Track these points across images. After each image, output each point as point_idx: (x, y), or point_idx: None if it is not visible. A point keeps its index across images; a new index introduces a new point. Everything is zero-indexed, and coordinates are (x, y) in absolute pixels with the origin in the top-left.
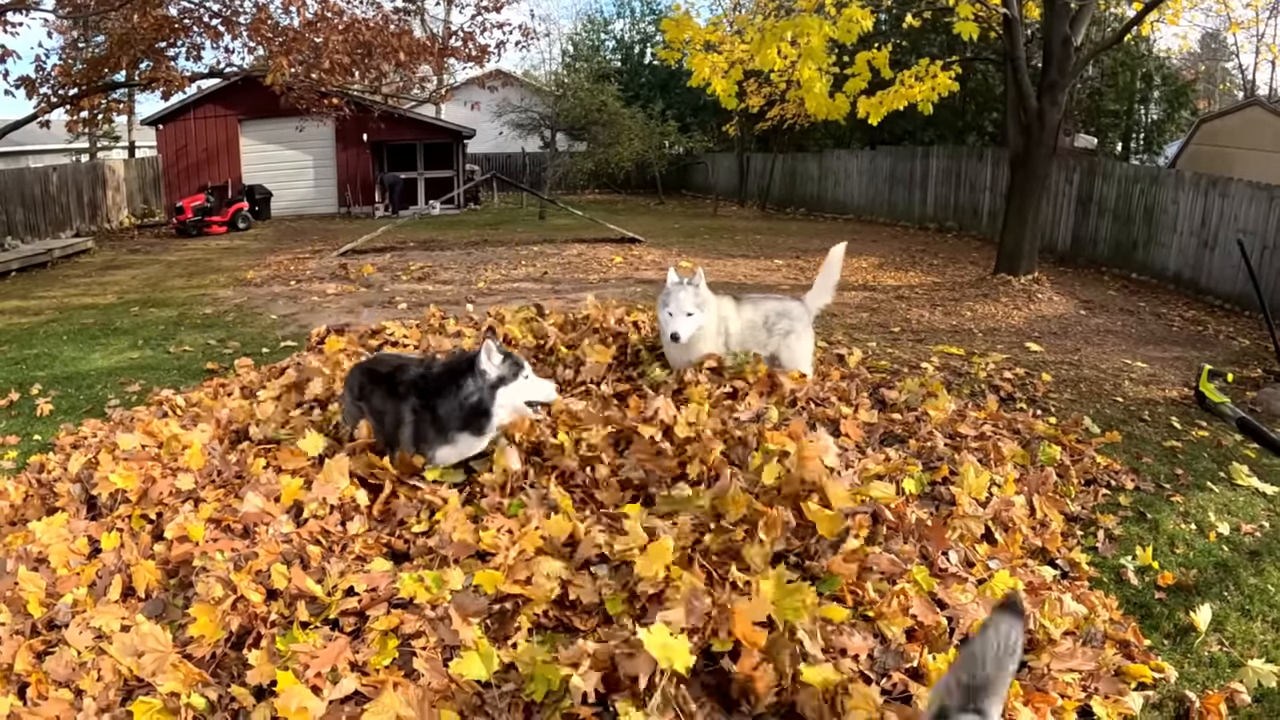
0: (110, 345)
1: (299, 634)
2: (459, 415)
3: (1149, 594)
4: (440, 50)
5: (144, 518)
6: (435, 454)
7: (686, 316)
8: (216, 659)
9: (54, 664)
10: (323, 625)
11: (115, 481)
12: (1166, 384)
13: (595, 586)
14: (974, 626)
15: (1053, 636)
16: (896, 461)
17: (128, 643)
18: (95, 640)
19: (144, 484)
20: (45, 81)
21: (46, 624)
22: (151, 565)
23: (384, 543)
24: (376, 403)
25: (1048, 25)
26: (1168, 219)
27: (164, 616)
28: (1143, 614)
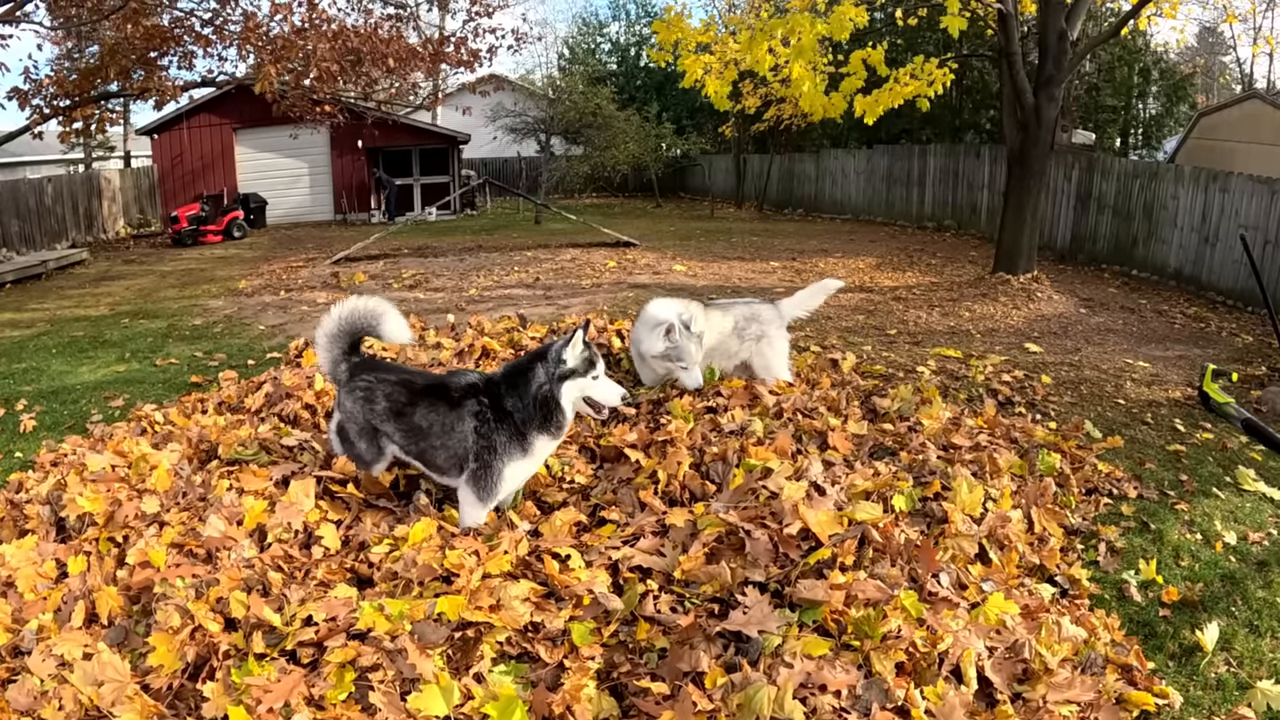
0: (98, 358)
1: (254, 666)
2: (534, 411)
3: (1153, 611)
4: (433, 56)
5: (110, 540)
6: (507, 468)
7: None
8: (174, 690)
9: (16, 692)
10: (279, 657)
11: (82, 505)
12: (1169, 384)
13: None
14: (965, 657)
15: (1049, 665)
16: (886, 477)
17: (89, 671)
18: (58, 668)
19: (110, 507)
20: (38, 93)
21: (11, 650)
22: (114, 591)
23: (348, 567)
24: (420, 418)
25: (1043, 20)
26: (1168, 215)
27: (126, 644)
28: (1146, 633)
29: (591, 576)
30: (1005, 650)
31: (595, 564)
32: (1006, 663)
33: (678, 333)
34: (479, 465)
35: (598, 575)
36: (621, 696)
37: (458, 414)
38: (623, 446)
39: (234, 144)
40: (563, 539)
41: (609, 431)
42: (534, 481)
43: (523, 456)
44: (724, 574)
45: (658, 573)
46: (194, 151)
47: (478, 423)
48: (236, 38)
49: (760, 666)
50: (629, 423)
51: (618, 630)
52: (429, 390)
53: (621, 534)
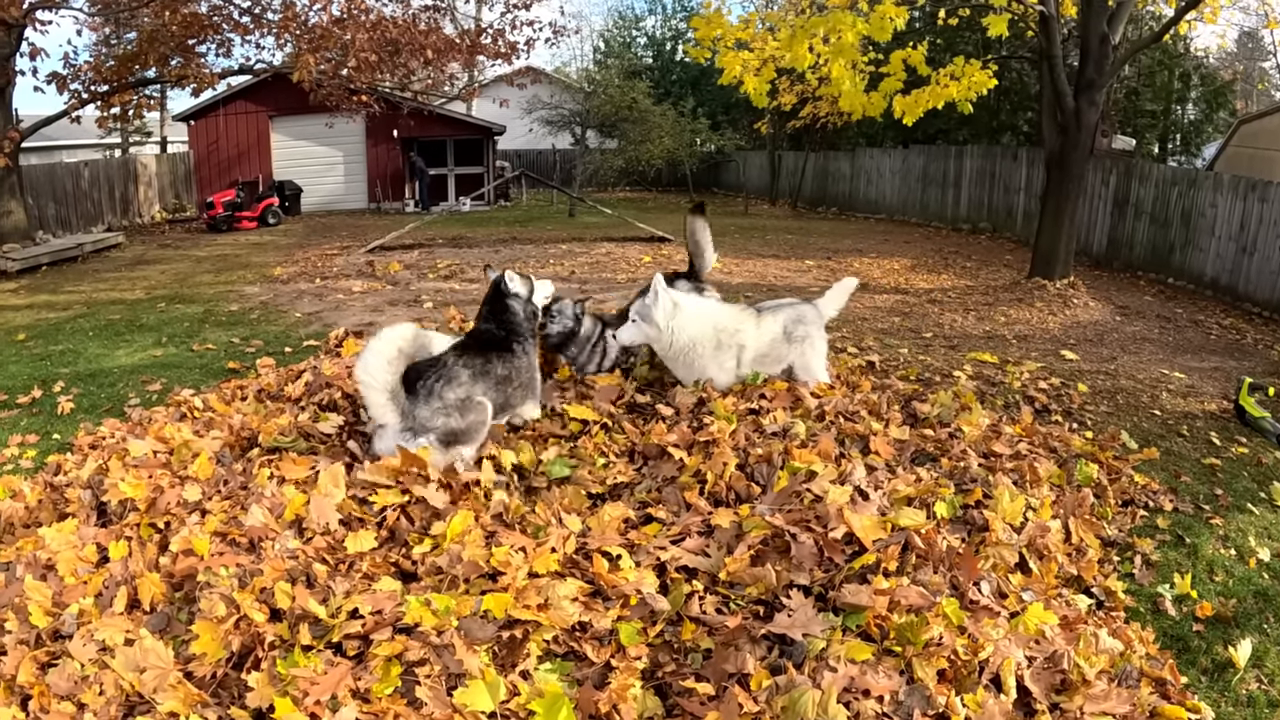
0: (135, 342)
1: (300, 657)
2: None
3: (1186, 626)
4: (470, 47)
5: (152, 526)
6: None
7: (630, 323)
8: (217, 679)
9: (57, 677)
10: (325, 649)
11: (124, 490)
12: (1205, 396)
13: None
14: (1004, 665)
15: (1087, 677)
16: (928, 483)
17: (130, 657)
18: (99, 653)
19: (152, 493)
20: (76, 78)
21: (51, 634)
22: (156, 578)
23: (392, 561)
24: (500, 369)
25: (1085, 23)
26: (1205, 223)
27: (168, 631)
28: (1180, 648)
29: (639, 577)
30: (1044, 660)
31: (643, 564)
32: (1045, 673)
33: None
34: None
35: (645, 575)
36: (665, 696)
37: (514, 353)
38: (665, 445)
39: (270, 131)
40: (611, 537)
41: (650, 430)
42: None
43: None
44: (769, 576)
45: (703, 573)
46: (230, 138)
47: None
48: (274, 26)
49: (805, 670)
50: (668, 422)
51: (663, 630)
52: (487, 344)
53: (668, 533)
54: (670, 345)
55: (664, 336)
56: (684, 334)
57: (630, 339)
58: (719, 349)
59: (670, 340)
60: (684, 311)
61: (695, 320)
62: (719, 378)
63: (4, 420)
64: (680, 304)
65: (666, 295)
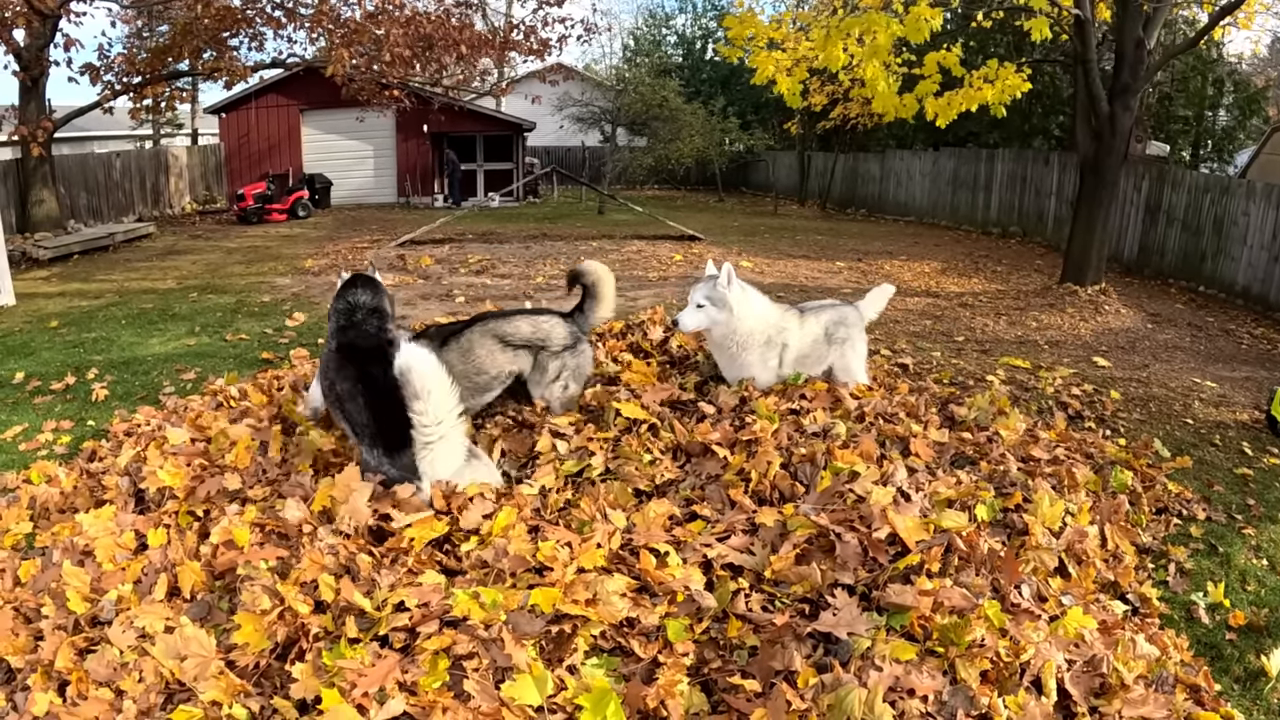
0: (168, 331)
1: (346, 649)
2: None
3: (1220, 634)
4: (502, 44)
5: (190, 514)
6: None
7: (696, 308)
8: (260, 669)
9: (95, 663)
10: (371, 641)
11: (163, 478)
12: (1236, 406)
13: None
14: (1045, 668)
15: (1125, 681)
16: (968, 486)
17: (171, 645)
18: (138, 640)
19: (191, 482)
20: (109, 69)
21: (89, 620)
22: (196, 566)
23: (436, 558)
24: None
25: (1120, 27)
26: (1238, 231)
27: (208, 619)
28: (1213, 655)
29: (686, 574)
30: (1084, 664)
31: (689, 561)
32: (1085, 676)
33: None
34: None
35: (692, 573)
36: (711, 692)
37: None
38: (709, 443)
39: (300, 125)
40: (657, 533)
41: (694, 428)
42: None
43: None
44: (814, 575)
45: (748, 571)
46: (261, 131)
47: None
48: (307, 20)
49: (851, 668)
50: (710, 420)
51: (709, 627)
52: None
53: (713, 531)
54: (734, 332)
55: (731, 321)
56: (746, 322)
57: (696, 324)
58: (768, 345)
59: (735, 327)
60: (749, 300)
61: (756, 311)
62: (762, 376)
63: (38, 406)
64: (747, 291)
65: (737, 280)
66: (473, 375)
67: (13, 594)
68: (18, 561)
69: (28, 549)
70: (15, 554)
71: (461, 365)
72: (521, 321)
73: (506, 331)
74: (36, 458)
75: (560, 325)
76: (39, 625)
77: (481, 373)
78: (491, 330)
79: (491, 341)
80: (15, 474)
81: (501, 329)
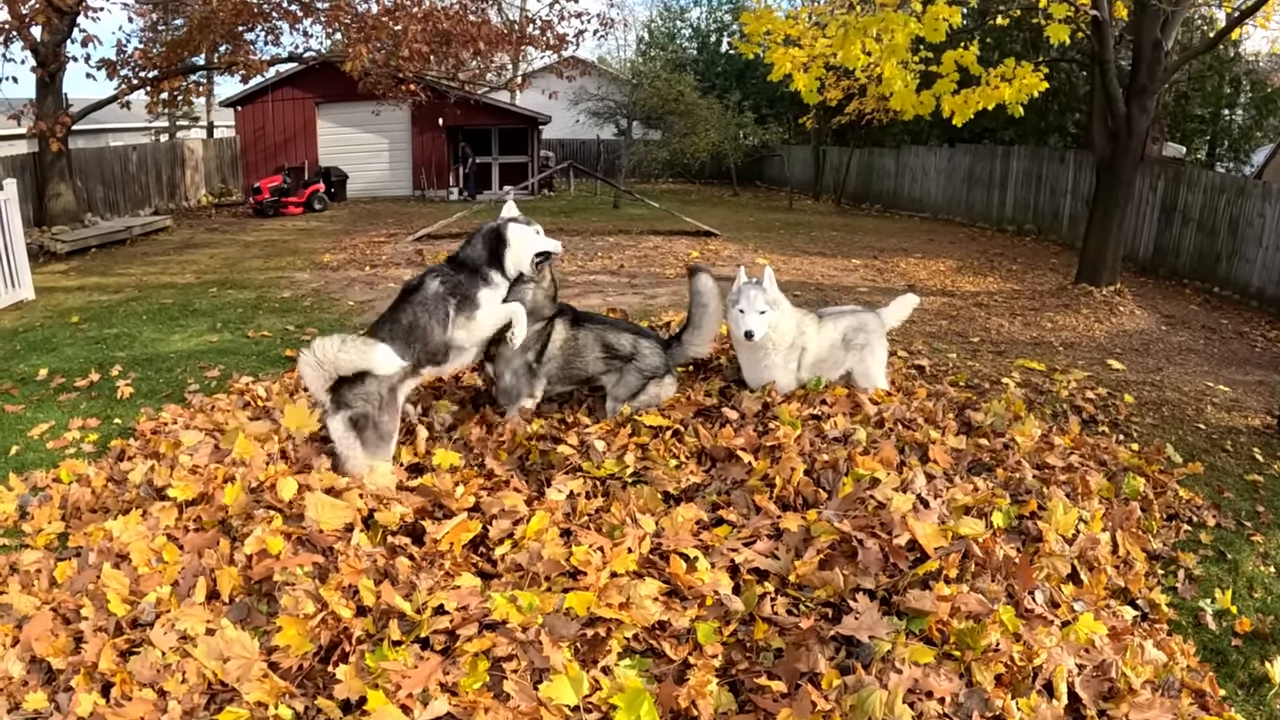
0: (189, 327)
1: (389, 651)
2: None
3: (1225, 640)
4: (518, 39)
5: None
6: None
7: (759, 314)
8: (303, 670)
9: (139, 664)
10: (413, 643)
11: (175, 494)
12: (1248, 411)
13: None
14: (1057, 672)
15: (1133, 686)
16: (985, 493)
17: (213, 646)
18: (180, 642)
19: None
20: (125, 64)
21: (130, 622)
22: (234, 571)
23: (472, 562)
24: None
25: (1138, 28)
26: (1253, 232)
27: (248, 621)
28: (1219, 661)
29: (715, 578)
30: (1093, 669)
31: (717, 565)
32: (1094, 680)
33: (739, 280)
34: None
35: (720, 577)
36: (738, 692)
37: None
38: (733, 449)
39: (316, 118)
40: (685, 538)
41: (718, 433)
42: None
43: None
44: (837, 580)
45: (773, 575)
46: (276, 124)
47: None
48: (324, 15)
49: (872, 670)
50: (734, 425)
51: (736, 630)
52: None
53: (738, 536)
54: (774, 332)
55: (779, 322)
56: (784, 324)
57: (764, 331)
58: (790, 348)
59: (778, 327)
60: (785, 302)
61: (789, 314)
62: (783, 379)
63: (64, 403)
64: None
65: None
66: (573, 365)
67: (50, 595)
68: (53, 562)
69: (61, 549)
70: (50, 554)
71: (568, 356)
72: (626, 338)
73: (611, 341)
74: (65, 456)
75: (656, 354)
76: (78, 626)
77: (577, 368)
78: (601, 336)
79: (598, 346)
80: (45, 472)
81: (608, 338)
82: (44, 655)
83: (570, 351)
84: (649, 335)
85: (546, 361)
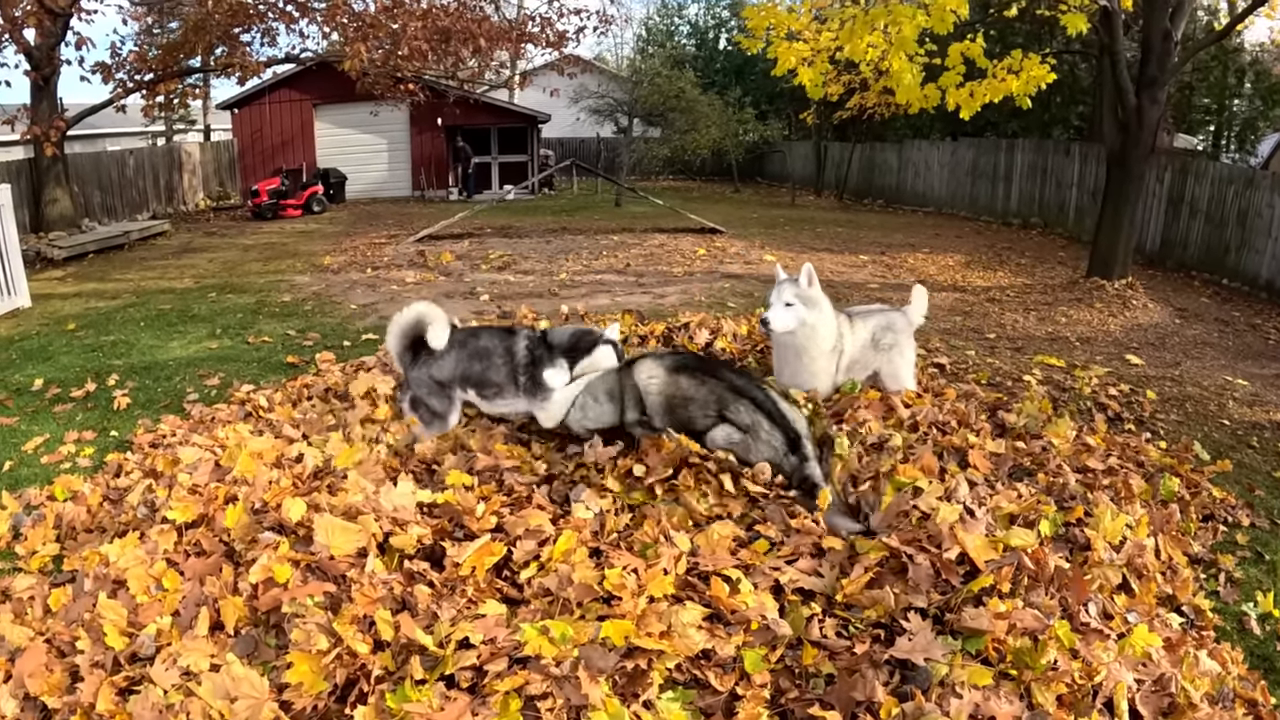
0: (188, 334)
1: (412, 691)
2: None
3: (1271, 645)
4: (518, 36)
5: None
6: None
7: (785, 307)
8: (319, 711)
9: (139, 705)
10: (437, 681)
11: (174, 516)
12: (1270, 405)
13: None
14: (1118, 690)
15: (1193, 700)
16: (1029, 500)
17: (219, 684)
18: (182, 679)
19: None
20: (121, 67)
21: (129, 657)
22: (239, 601)
23: (497, 587)
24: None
25: (1148, 20)
26: (1262, 224)
27: (256, 656)
28: (1266, 668)
29: (760, 601)
30: (1152, 684)
31: (759, 586)
32: (1154, 696)
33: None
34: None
35: (765, 599)
36: None
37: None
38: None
39: (313, 119)
40: (722, 557)
41: None
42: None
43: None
44: (888, 599)
45: (819, 595)
46: (274, 126)
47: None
48: (321, 14)
49: (932, 696)
50: None
51: (783, 655)
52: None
53: (778, 553)
54: (815, 333)
55: (818, 323)
56: (825, 325)
57: (785, 325)
58: (832, 352)
59: (818, 328)
60: (826, 300)
61: (830, 315)
62: (824, 383)
63: (59, 415)
64: (821, 292)
65: (817, 282)
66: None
67: (44, 625)
68: (47, 588)
69: (55, 572)
70: (45, 579)
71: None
72: (744, 413)
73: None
74: (60, 471)
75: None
76: (74, 660)
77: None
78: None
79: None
80: (39, 489)
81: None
82: (38, 693)
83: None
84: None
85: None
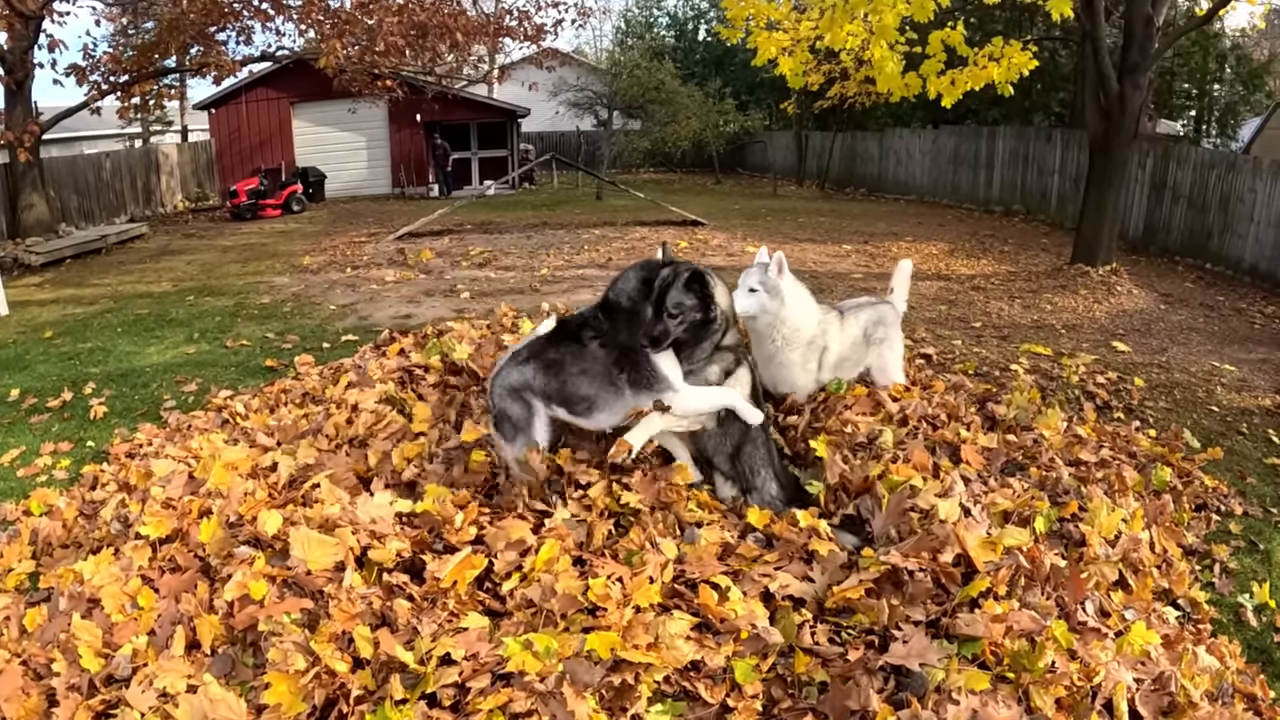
0: (166, 338)
1: (392, 712)
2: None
3: (1268, 637)
4: (496, 30)
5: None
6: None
7: (749, 292)
8: None
9: None
10: (418, 700)
11: (147, 532)
12: (1258, 390)
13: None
14: (1117, 690)
15: (1193, 698)
16: (1024, 496)
17: (195, 706)
18: (159, 700)
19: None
20: (95, 69)
21: (105, 679)
22: (215, 620)
23: (479, 599)
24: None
25: (1129, 5)
26: (1244, 208)
27: (233, 675)
28: (1264, 660)
29: (750, 609)
30: (1151, 683)
31: (749, 594)
32: (1153, 696)
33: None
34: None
35: (755, 607)
36: None
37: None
38: None
39: (291, 118)
40: (710, 564)
41: None
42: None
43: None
44: (884, 611)
45: (810, 601)
46: (251, 126)
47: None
48: (296, 12)
49: (928, 703)
50: None
51: (774, 663)
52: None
53: (766, 559)
54: (782, 323)
55: (781, 312)
56: (794, 317)
57: (746, 309)
58: (809, 346)
59: (784, 318)
60: (800, 293)
61: (804, 307)
62: (802, 380)
63: (35, 426)
64: (798, 284)
65: (789, 271)
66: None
67: (20, 646)
68: (23, 608)
69: (31, 589)
70: (20, 598)
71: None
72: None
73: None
74: (36, 484)
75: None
76: (49, 683)
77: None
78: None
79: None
80: (15, 504)
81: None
82: (14, 718)
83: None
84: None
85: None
